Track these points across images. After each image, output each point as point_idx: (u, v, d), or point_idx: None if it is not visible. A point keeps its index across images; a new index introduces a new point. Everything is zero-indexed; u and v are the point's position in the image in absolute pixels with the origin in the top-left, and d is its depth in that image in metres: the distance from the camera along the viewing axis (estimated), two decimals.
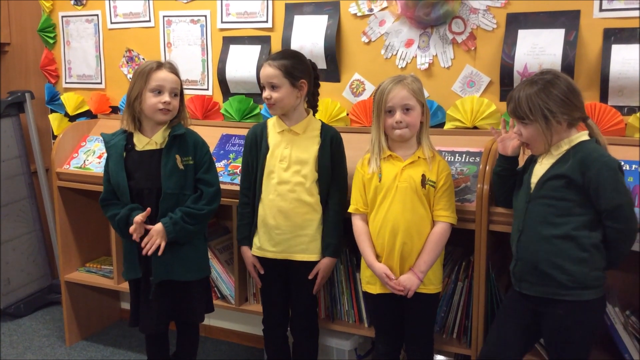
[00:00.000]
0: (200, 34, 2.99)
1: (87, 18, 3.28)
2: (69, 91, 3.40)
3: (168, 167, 2.18)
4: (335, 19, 2.66)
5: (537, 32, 2.32)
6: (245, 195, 2.35)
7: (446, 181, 2.07)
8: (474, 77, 2.47)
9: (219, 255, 2.71)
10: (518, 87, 1.88)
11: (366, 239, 2.13)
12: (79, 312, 3.16)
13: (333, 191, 2.27)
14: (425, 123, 2.09)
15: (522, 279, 1.90)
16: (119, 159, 2.20)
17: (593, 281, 1.80)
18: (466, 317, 2.28)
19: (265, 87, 2.22)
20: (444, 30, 2.49)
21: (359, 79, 2.68)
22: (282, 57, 2.23)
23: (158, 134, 2.22)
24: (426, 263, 2.05)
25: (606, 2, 2.24)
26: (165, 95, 2.17)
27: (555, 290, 1.81)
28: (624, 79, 2.20)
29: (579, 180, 1.77)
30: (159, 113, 2.18)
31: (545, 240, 1.82)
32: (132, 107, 2.19)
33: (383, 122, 2.07)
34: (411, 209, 2.05)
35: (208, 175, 2.25)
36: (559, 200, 1.81)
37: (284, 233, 2.24)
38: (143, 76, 2.17)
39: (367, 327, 2.45)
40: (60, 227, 3.03)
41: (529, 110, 1.81)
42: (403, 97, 2.02)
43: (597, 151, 1.80)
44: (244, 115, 2.89)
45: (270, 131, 2.30)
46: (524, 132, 1.87)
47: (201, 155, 2.26)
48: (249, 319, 2.94)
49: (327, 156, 2.24)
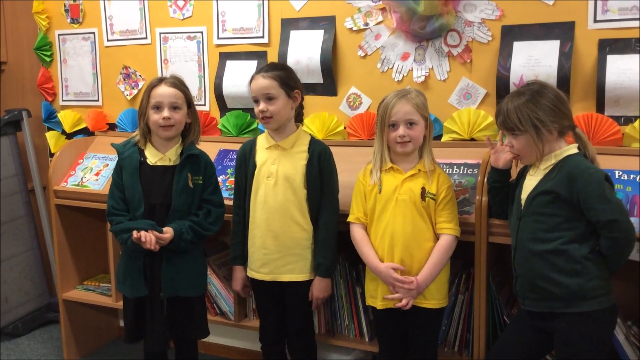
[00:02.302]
0: (196, 50, 3.00)
1: (83, 36, 3.29)
2: (66, 109, 3.40)
3: (180, 184, 2.19)
4: (331, 33, 2.68)
5: (532, 44, 2.33)
6: (237, 213, 2.33)
7: (447, 193, 2.06)
8: (470, 90, 2.47)
9: (218, 271, 2.70)
10: (506, 100, 1.88)
11: (367, 243, 2.11)
12: (77, 331, 3.14)
13: (323, 209, 2.23)
14: (428, 137, 2.09)
15: (525, 296, 1.89)
16: (135, 172, 2.19)
17: (591, 291, 1.78)
18: (467, 330, 2.27)
19: (260, 100, 2.19)
20: (439, 43, 2.50)
21: (355, 93, 2.69)
22: (274, 68, 2.23)
23: (172, 151, 2.22)
24: (431, 275, 2.02)
25: (601, 13, 2.25)
26: (164, 110, 2.17)
27: (554, 303, 1.81)
28: (620, 89, 2.21)
29: (566, 195, 1.77)
30: (160, 130, 2.19)
31: (537, 255, 1.82)
32: (142, 125, 2.22)
33: (386, 136, 2.06)
34: (411, 221, 2.04)
35: (215, 196, 2.28)
36: (547, 216, 1.81)
37: (271, 253, 2.21)
38: (146, 93, 2.20)
39: (368, 341, 2.43)
40: (58, 245, 3.01)
41: (518, 121, 1.82)
42: (407, 112, 2.02)
43: (582, 164, 1.80)
44: (241, 130, 2.90)
45: (259, 148, 2.28)
46: (515, 143, 1.87)
47: (210, 175, 2.28)
48: (249, 335, 2.92)
49: (315, 172, 2.21)
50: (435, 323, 2.15)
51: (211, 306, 2.70)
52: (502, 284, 2.30)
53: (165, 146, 2.23)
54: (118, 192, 2.22)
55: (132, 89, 3.18)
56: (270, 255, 2.22)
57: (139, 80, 3.16)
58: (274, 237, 2.20)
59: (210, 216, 2.24)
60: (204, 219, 2.23)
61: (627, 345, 2.02)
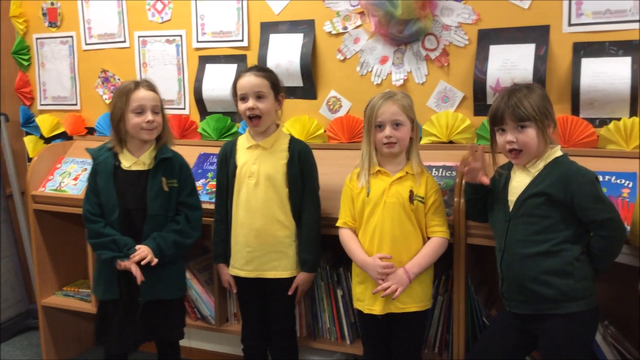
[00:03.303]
0: (176, 54, 2.99)
1: (61, 39, 3.26)
2: (44, 113, 3.37)
3: (154, 189, 2.19)
4: (310, 37, 2.68)
5: (508, 48, 2.36)
6: (218, 212, 2.34)
7: (437, 198, 2.08)
8: (448, 93, 2.50)
9: (199, 275, 2.69)
10: (508, 94, 1.85)
11: (355, 241, 2.11)
12: (57, 337, 3.11)
13: (305, 206, 2.26)
14: (415, 139, 2.10)
15: (511, 299, 1.90)
16: (109, 177, 2.19)
17: (580, 292, 1.80)
18: (447, 331, 2.28)
19: (249, 97, 2.19)
20: (417, 47, 2.52)
21: (335, 96, 2.70)
22: (265, 69, 2.26)
23: (145, 155, 2.23)
24: (419, 265, 2.03)
25: (575, 17, 2.29)
26: (148, 114, 2.18)
27: (543, 305, 1.82)
28: (594, 92, 2.24)
29: (560, 197, 1.78)
30: (143, 132, 2.19)
31: (528, 258, 1.82)
32: (118, 129, 2.20)
33: (374, 137, 2.07)
34: (399, 224, 2.05)
35: (192, 199, 2.28)
36: (541, 218, 1.81)
37: (255, 251, 2.23)
38: (122, 97, 2.18)
39: (349, 344, 2.44)
40: (37, 251, 2.98)
41: (532, 110, 1.81)
42: (393, 113, 2.03)
43: (573, 166, 1.83)
44: (221, 134, 2.89)
45: (240, 148, 2.29)
46: (521, 137, 1.83)
47: (185, 178, 2.28)
48: (230, 339, 2.91)
49: (296, 170, 2.23)
50: (419, 325, 2.16)
51: (192, 311, 2.69)
52: (480, 285, 2.32)
53: (140, 150, 2.23)
54: (93, 197, 2.21)
55: (110, 92, 3.16)
56: (254, 253, 2.23)
57: (117, 84, 3.14)
58: (256, 236, 2.22)
59: (189, 221, 2.24)
60: (185, 225, 2.23)
61: (605, 345, 2.05)
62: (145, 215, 2.18)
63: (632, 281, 1.94)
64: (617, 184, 2.09)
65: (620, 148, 2.23)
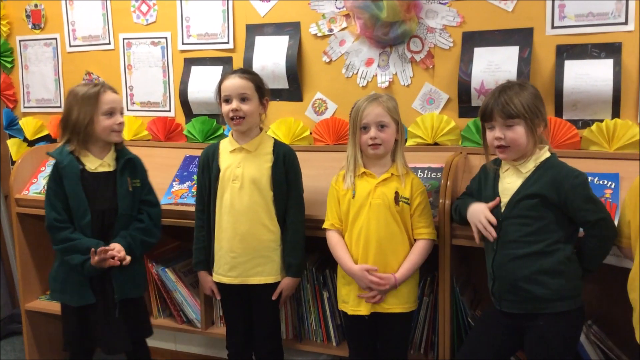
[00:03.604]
0: (161, 56, 2.98)
1: (45, 41, 3.24)
2: (28, 116, 3.34)
3: (123, 189, 2.22)
4: (296, 39, 2.69)
5: (492, 50, 2.38)
6: (199, 218, 2.33)
7: (422, 199, 2.09)
8: (433, 95, 2.51)
9: (184, 278, 2.67)
10: (498, 91, 1.86)
11: (342, 247, 2.11)
12: (41, 342, 3.07)
13: (290, 209, 2.25)
14: (400, 141, 2.11)
15: (502, 298, 1.90)
16: (77, 180, 2.17)
17: (570, 292, 1.82)
18: (433, 332, 2.29)
19: (232, 99, 2.18)
20: (402, 49, 2.53)
21: (321, 98, 2.70)
22: (250, 72, 2.26)
23: (109, 156, 2.24)
24: (406, 269, 2.05)
25: (558, 20, 2.31)
26: (118, 116, 2.21)
27: (535, 304, 1.82)
28: (577, 94, 2.27)
29: (553, 198, 1.79)
30: (114, 134, 2.21)
31: (522, 258, 1.83)
32: (85, 132, 2.17)
33: (359, 139, 2.08)
34: (385, 225, 2.05)
35: (151, 196, 2.34)
36: (535, 219, 1.82)
37: (239, 256, 2.21)
38: (91, 100, 2.17)
39: (335, 346, 2.44)
40: (20, 255, 2.95)
41: (522, 107, 1.81)
42: (377, 114, 2.04)
43: (564, 167, 1.84)
44: (207, 136, 2.88)
45: (222, 151, 2.28)
46: (509, 134, 1.83)
47: (145, 177, 2.33)
48: (216, 342, 2.89)
49: (281, 173, 2.22)
50: (405, 326, 2.17)
51: (178, 314, 2.68)
52: (466, 285, 2.33)
53: (103, 152, 2.24)
54: (59, 202, 2.18)
55: None
56: (238, 258, 2.21)
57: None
58: (241, 240, 2.20)
59: (152, 219, 2.28)
60: (149, 224, 2.27)
61: (588, 344, 2.07)
62: (116, 214, 2.20)
63: (614, 281, 1.96)
64: (600, 184, 2.11)
65: (602, 149, 2.25)
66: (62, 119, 2.24)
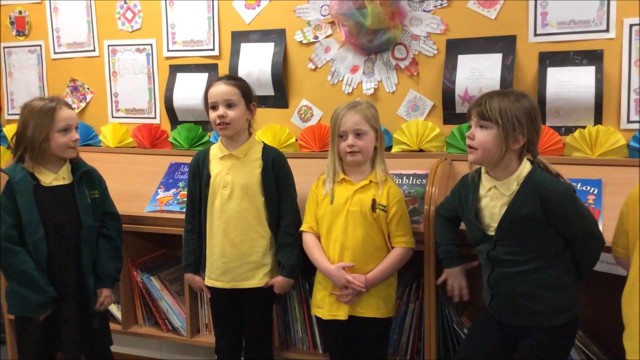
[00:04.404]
0: (146, 63, 2.97)
1: (29, 48, 3.22)
2: (12, 123, 3.30)
3: (83, 201, 2.23)
4: (281, 46, 2.69)
5: (476, 57, 2.39)
6: (189, 222, 2.32)
7: (399, 208, 2.08)
8: (418, 102, 2.52)
9: (170, 286, 2.66)
10: (487, 94, 1.82)
11: (318, 248, 2.12)
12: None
13: (284, 213, 2.24)
14: (380, 148, 2.11)
15: (501, 313, 1.88)
16: (31, 195, 2.15)
17: (568, 304, 1.81)
18: (419, 339, 2.29)
19: (219, 106, 2.18)
20: (387, 56, 2.54)
21: (306, 105, 2.71)
22: (236, 78, 2.27)
23: (64, 169, 2.23)
24: (378, 272, 2.05)
25: (540, 27, 2.33)
26: (74, 132, 2.20)
27: (534, 317, 1.81)
28: (559, 100, 2.29)
29: (542, 217, 1.75)
30: (69, 151, 2.20)
31: (518, 275, 1.80)
32: (40, 148, 2.15)
33: (337, 147, 2.09)
34: (361, 232, 2.06)
35: (113, 208, 2.37)
36: (528, 239, 1.78)
37: (230, 261, 2.21)
38: (47, 116, 2.15)
39: (322, 353, 2.43)
40: None
41: (498, 112, 1.75)
42: (355, 122, 2.05)
43: (549, 182, 1.77)
44: (192, 143, 2.88)
45: (212, 158, 2.27)
46: (480, 135, 1.78)
47: (104, 188, 2.34)
48: (202, 350, 2.88)
49: (271, 178, 2.22)
50: (383, 332, 2.16)
51: (163, 322, 2.66)
52: None
53: (57, 166, 2.23)
54: (10, 219, 2.14)
55: (80, 102, 3.13)
56: (230, 263, 2.21)
57: (87, 93, 3.11)
58: (232, 246, 2.20)
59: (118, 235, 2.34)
60: (117, 240, 2.33)
61: (573, 349, 2.07)
62: (79, 227, 2.20)
63: (600, 287, 1.97)
64: (583, 190, 2.13)
65: (585, 155, 2.27)
66: (16, 133, 2.21)
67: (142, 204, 2.66)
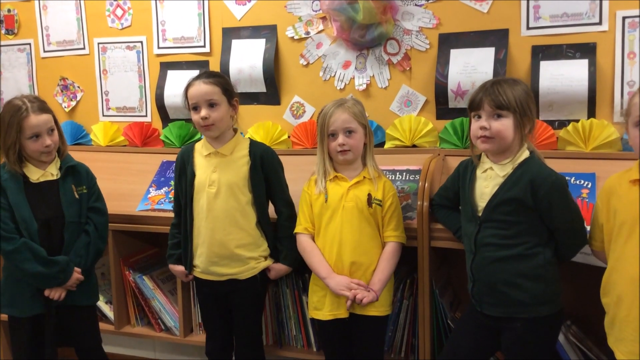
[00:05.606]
0: (136, 60, 2.95)
1: (19, 47, 3.19)
2: None
3: (67, 196, 2.21)
4: (272, 42, 2.67)
5: (468, 51, 2.38)
6: (176, 216, 2.30)
7: (392, 202, 2.08)
8: (411, 97, 2.50)
9: (162, 285, 2.64)
10: (494, 82, 1.81)
11: (318, 253, 2.09)
12: None
13: (279, 208, 2.23)
14: (369, 144, 2.10)
15: (482, 300, 1.88)
16: (20, 191, 2.15)
17: (550, 296, 1.81)
18: (413, 335, 2.28)
19: (201, 107, 2.12)
20: (379, 51, 2.52)
21: (299, 101, 2.69)
22: (214, 75, 2.19)
23: (52, 166, 2.22)
24: (380, 281, 2.04)
25: (533, 21, 2.32)
26: (45, 138, 2.15)
27: (514, 309, 1.81)
28: (552, 94, 2.28)
29: (530, 202, 1.76)
30: (43, 155, 2.18)
31: (500, 261, 1.81)
32: (18, 153, 2.14)
33: (327, 146, 2.07)
34: (358, 228, 2.04)
35: (100, 204, 2.32)
36: (512, 223, 1.79)
37: (220, 260, 2.18)
38: (13, 127, 2.11)
39: (316, 351, 2.42)
40: None
41: (514, 101, 1.76)
42: (344, 121, 2.03)
43: (543, 170, 1.79)
44: (184, 141, 2.85)
45: (197, 155, 2.23)
46: (496, 124, 1.77)
47: (92, 184, 2.31)
48: (195, 350, 2.86)
49: (260, 175, 2.19)
50: (380, 330, 2.15)
51: (156, 322, 2.64)
52: (445, 288, 2.32)
53: (44, 163, 2.21)
54: (4, 213, 2.14)
55: (70, 100, 3.10)
56: (219, 262, 2.18)
57: (77, 91, 3.09)
58: (220, 245, 2.17)
59: (98, 230, 2.27)
60: (95, 235, 2.26)
61: (567, 344, 2.07)
62: (64, 222, 2.19)
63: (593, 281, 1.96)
64: (577, 184, 2.11)
65: (579, 149, 2.26)
66: None
67: (133, 203, 2.63)
